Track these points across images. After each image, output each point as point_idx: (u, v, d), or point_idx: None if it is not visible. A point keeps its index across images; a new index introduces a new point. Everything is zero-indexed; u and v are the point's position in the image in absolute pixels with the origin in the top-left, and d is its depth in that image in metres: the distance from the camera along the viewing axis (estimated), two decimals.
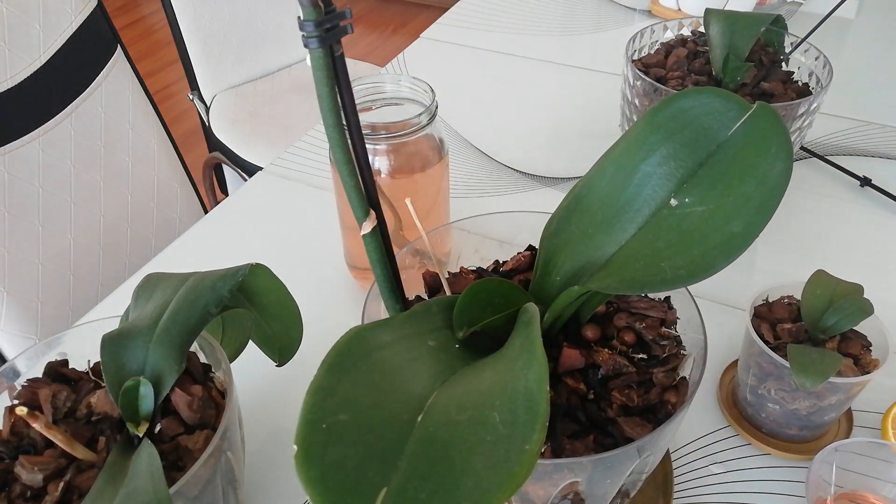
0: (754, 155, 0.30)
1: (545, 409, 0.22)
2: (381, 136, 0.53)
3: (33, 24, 0.78)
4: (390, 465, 0.22)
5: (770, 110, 0.30)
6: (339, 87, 0.27)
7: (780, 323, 0.48)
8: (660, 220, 0.31)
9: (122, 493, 0.32)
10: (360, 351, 0.26)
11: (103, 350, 0.36)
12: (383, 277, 0.33)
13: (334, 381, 0.24)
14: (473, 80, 0.98)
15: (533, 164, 0.80)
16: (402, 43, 2.65)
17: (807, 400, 0.46)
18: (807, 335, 0.47)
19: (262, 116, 1.35)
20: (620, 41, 0.75)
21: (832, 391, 0.45)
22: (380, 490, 0.21)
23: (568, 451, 0.32)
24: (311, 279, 0.65)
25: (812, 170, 0.77)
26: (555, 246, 0.35)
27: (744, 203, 0.29)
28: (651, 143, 0.32)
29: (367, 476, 0.21)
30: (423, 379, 0.26)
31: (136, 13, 3.13)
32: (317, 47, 0.25)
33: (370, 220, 0.30)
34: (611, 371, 0.34)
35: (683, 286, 0.31)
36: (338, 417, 0.23)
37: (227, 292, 0.38)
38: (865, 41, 1.05)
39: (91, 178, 0.87)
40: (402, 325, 0.30)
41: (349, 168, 0.29)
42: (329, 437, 0.22)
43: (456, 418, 0.23)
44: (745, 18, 0.64)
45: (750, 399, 0.50)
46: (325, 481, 0.21)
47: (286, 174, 0.80)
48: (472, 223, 0.45)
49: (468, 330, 0.31)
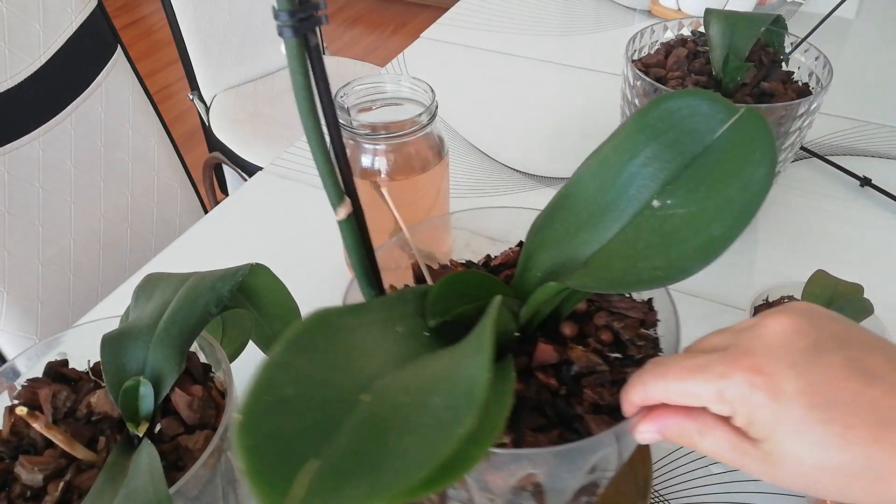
0: (738, 159, 0.30)
1: (483, 396, 0.22)
2: (381, 136, 0.53)
3: (33, 24, 0.78)
4: (326, 439, 0.22)
5: (757, 115, 0.30)
6: (314, 76, 0.28)
7: None
8: (641, 221, 0.32)
9: (122, 493, 0.32)
10: (323, 331, 0.26)
11: (103, 350, 0.36)
12: (359, 264, 0.33)
13: (289, 357, 0.24)
14: (473, 80, 0.98)
15: (533, 164, 0.80)
16: (402, 43, 2.65)
17: None
18: None
19: (262, 116, 1.36)
20: (620, 41, 0.75)
21: None
22: (309, 461, 0.21)
23: (530, 442, 0.32)
24: (311, 279, 0.65)
25: (812, 170, 0.77)
26: (538, 242, 0.35)
27: (725, 207, 0.29)
28: (637, 142, 0.32)
29: (300, 448, 0.21)
30: (379, 362, 0.26)
31: (136, 13, 3.13)
32: (291, 36, 0.26)
33: (345, 206, 0.31)
34: (584, 368, 0.34)
35: (659, 287, 0.32)
36: (285, 391, 0.23)
37: (227, 292, 0.38)
38: (865, 41, 1.05)
39: (91, 178, 0.87)
40: (373, 311, 0.30)
41: (323, 155, 0.29)
42: (272, 408, 0.22)
43: (399, 399, 0.24)
44: (745, 18, 0.64)
45: None
46: (257, 449, 0.21)
47: (286, 174, 0.80)
48: (466, 219, 0.45)
49: (440, 319, 0.31)
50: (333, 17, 3.01)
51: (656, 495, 0.48)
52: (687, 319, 0.61)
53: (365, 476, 0.21)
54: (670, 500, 0.48)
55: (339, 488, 0.20)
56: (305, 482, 0.20)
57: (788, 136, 0.61)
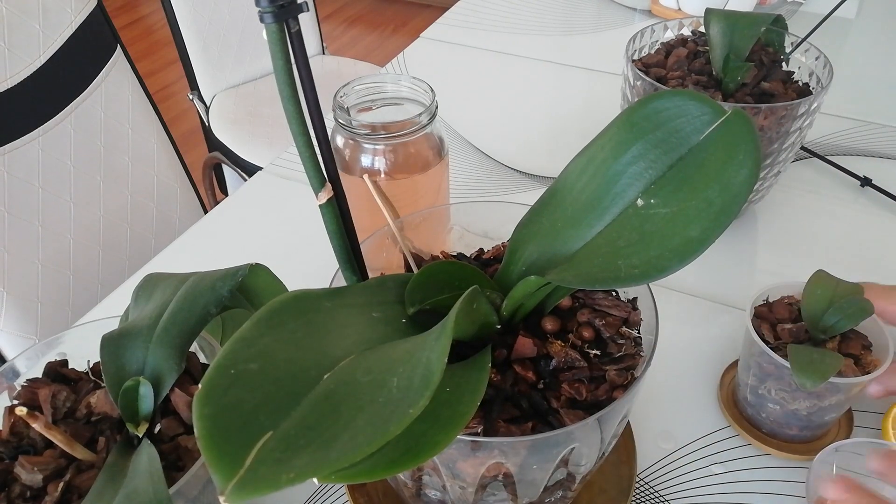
0: (721, 161, 0.30)
1: (437, 380, 0.23)
2: (381, 136, 0.53)
3: (33, 24, 0.78)
4: (283, 413, 0.23)
5: (745, 118, 0.30)
6: (296, 63, 0.28)
7: (781, 323, 0.48)
8: (624, 220, 0.32)
9: (122, 493, 0.32)
10: (294, 311, 0.27)
11: (103, 350, 0.36)
12: (340, 249, 0.33)
13: (257, 334, 0.25)
14: (473, 80, 0.98)
15: (533, 164, 0.80)
16: (402, 43, 2.64)
17: (807, 400, 0.46)
18: (807, 335, 0.46)
19: (261, 116, 1.36)
20: (620, 41, 0.75)
21: (832, 391, 0.45)
22: (265, 434, 0.22)
23: (502, 432, 0.32)
24: (310, 279, 0.65)
25: (812, 170, 0.77)
26: (524, 237, 0.35)
27: (705, 208, 0.29)
28: (624, 141, 0.32)
29: (258, 420, 0.22)
30: (347, 344, 0.27)
31: (136, 13, 3.13)
32: (272, 22, 0.27)
33: (326, 190, 0.31)
34: (562, 363, 0.34)
35: (636, 285, 0.32)
36: (248, 366, 0.24)
37: (227, 292, 0.38)
38: (865, 41, 1.05)
39: (91, 178, 0.87)
40: (351, 295, 0.30)
41: (305, 139, 0.30)
42: (233, 381, 0.23)
43: (359, 379, 0.24)
44: (745, 18, 0.64)
45: (750, 399, 0.50)
46: (214, 419, 0.22)
47: (286, 174, 0.80)
48: (460, 212, 0.46)
49: (418, 307, 0.32)
50: (333, 17, 3.01)
51: (656, 494, 0.48)
52: (687, 319, 0.61)
53: (316, 449, 0.21)
54: (670, 500, 0.48)
55: (288, 459, 0.21)
56: (258, 452, 0.21)
57: (788, 136, 0.61)
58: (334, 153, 0.43)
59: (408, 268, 0.42)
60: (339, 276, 0.37)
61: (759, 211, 0.72)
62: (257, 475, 0.20)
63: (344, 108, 0.54)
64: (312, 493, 0.49)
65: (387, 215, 0.41)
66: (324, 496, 0.49)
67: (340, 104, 0.54)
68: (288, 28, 0.28)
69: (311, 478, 0.20)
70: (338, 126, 0.54)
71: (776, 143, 0.61)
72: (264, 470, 0.20)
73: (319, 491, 0.49)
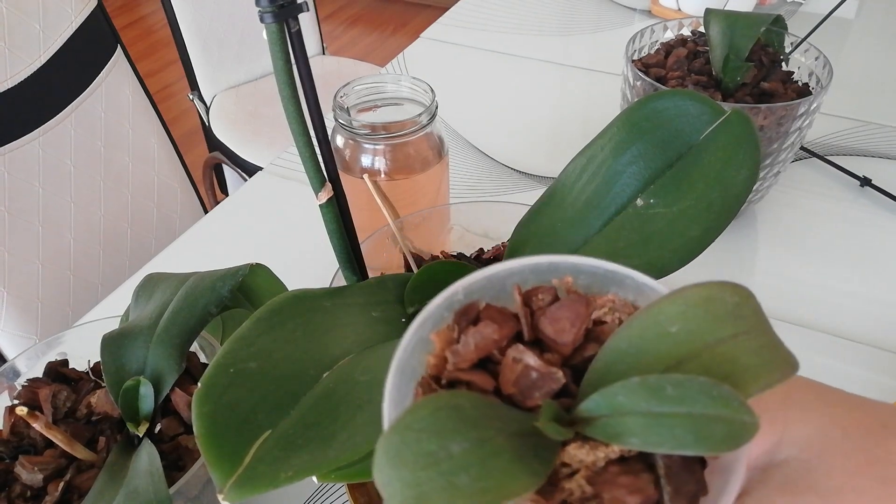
0: (721, 161, 0.30)
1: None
2: (381, 136, 0.53)
3: (33, 24, 0.78)
4: (282, 412, 0.23)
5: (744, 118, 0.30)
6: (296, 63, 0.28)
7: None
8: (624, 220, 0.32)
9: (122, 493, 0.32)
10: (293, 311, 0.27)
11: (103, 350, 0.36)
12: (340, 248, 0.33)
13: (256, 333, 0.25)
14: (473, 80, 0.98)
15: (533, 164, 0.80)
16: (402, 43, 2.65)
17: None
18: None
19: (262, 116, 1.36)
20: (620, 41, 0.75)
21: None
22: (264, 432, 0.22)
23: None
24: (310, 279, 0.65)
25: (812, 170, 0.77)
26: (523, 237, 0.35)
27: (706, 208, 0.29)
28: (624, 141, 0.33)
29: (257, 419, 0.22)
30: (346, 343, 0.27)
31: (136, 13, 3.13)
32: (272, 22, 0.27)
33: (326, 190, 0.31)
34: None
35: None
36: (247, 365, 0.24)
37: (227, 292, 0.38)
38: (865, 41, 1.05)
39: (91, 178, 0.87)
40: (351, 295, 0.30)
41: (305, 139, 0.30)
42: (233, 380, 0.23)
43: (358, 378, 0.24)
44: (745, 18, 0.64)
45: None
46: (214, 417, 0.22)
47: (286, 174, 0.80)
48: (460, 212, 0.46)
49: (418, 306, 0.32)
50: (333, 17, 3.01)
51: None
52: None
53: (314, 448, 0.22)
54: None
55: (287, 458, 0.21)
56: (256, 451, 0.21)
57: (788, 136, 0.61)
58: (334, 153, 0.43)
59: (408, 268, 0.42)
60: (339, 275, 0.37)
61: (758, 211, 0.72)
62: (256, 473, 0.20)
63: (344, 108, 0.54)
64: (313, 492, 0.49)
65: (387, 215, 0.41)
66: (324, 496, 0.49)
67: (340, 104, 0.54)
68: (288, 28, 0.28)
69: (309, 476, 0.21)
70: (338, 126, 0.54)
71: (776, 143, 0.61)
72: (263, 468, 0.21)
73: (319, 490, 0.49)
